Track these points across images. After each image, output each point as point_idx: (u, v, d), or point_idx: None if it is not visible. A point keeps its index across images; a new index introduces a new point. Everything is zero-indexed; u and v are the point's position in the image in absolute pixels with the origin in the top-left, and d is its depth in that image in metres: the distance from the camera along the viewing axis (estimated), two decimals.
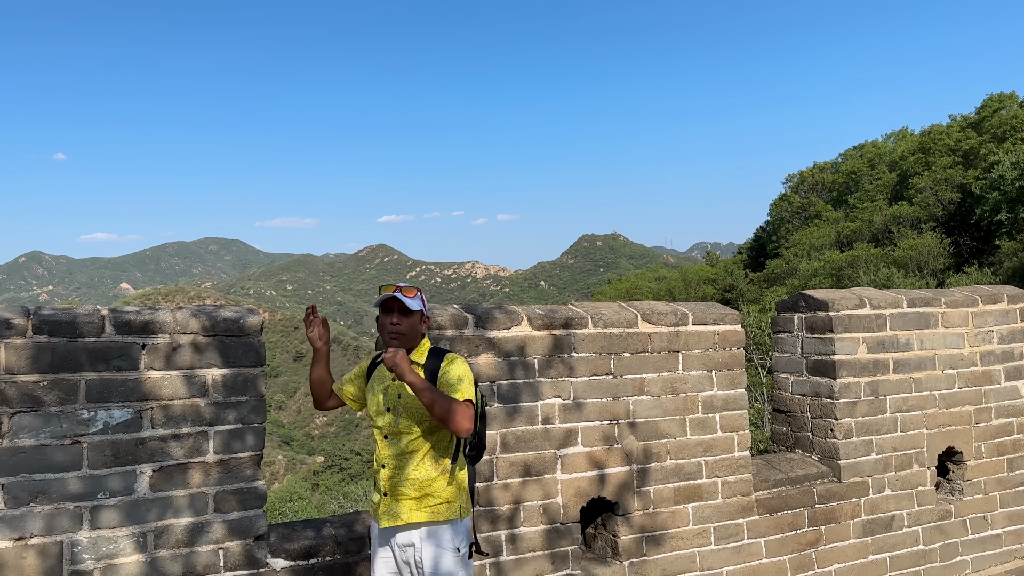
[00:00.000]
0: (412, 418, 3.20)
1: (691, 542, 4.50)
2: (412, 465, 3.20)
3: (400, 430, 3.22)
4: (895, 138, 70.80)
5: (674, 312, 4.55)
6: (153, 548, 3.31)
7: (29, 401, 3.14)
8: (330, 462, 79.20)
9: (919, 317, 5.34)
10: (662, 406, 4.46)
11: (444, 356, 3.28)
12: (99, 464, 3.23)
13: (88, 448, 3.22)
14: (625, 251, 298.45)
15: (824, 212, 65.34)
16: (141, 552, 3.29)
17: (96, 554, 3.22)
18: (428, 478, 3.19)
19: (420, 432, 3.20)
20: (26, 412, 3.13)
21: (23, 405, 3.13)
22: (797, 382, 5.31)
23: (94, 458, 3.23)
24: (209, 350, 3.45)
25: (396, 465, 3.22)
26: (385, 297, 3.22)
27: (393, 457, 3.23)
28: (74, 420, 3.20)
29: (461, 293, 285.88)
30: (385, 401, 3.27)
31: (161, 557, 3.32)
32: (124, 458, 3.28)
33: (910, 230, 48.94)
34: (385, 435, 3.26)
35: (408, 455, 3.21)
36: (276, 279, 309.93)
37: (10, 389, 3.11)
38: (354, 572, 3.71)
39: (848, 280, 41.64)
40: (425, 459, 3.21)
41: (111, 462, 3.25)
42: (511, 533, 4.05)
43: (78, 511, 3.20)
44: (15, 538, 3.10)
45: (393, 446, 3.23)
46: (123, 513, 3.27)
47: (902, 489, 5.21)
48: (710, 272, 69.67)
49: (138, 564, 3.28)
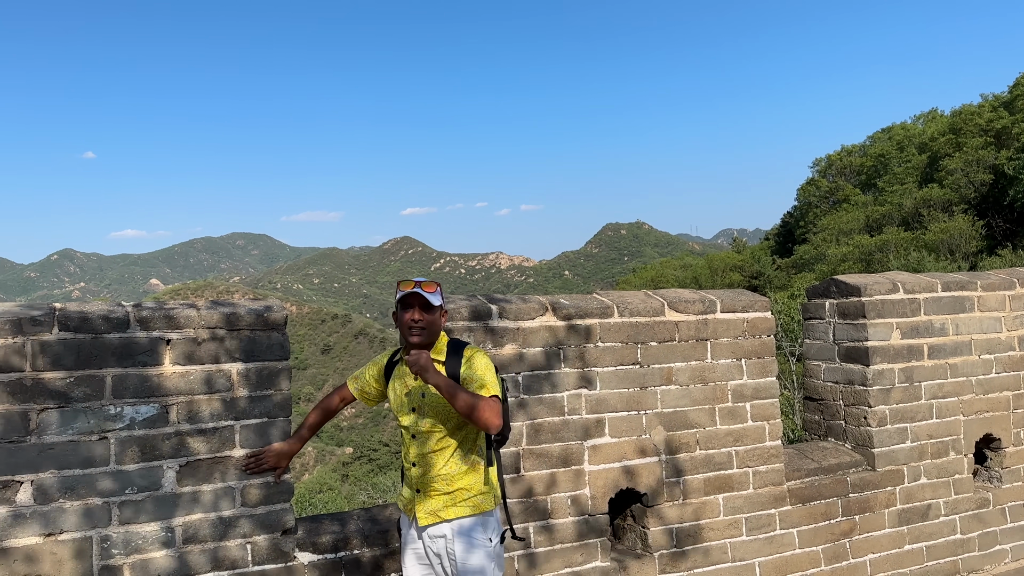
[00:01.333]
0: (437, 417, 3.17)
1: (722, 533, 4.43)
2: (441, 462, 3.18)
3: (426, 429, 3.19)
4: (925, 119, 69.59)
5: (702, 300, 4.48)
6: (181, 543, 3.31)
7: (56, 397, 3.15)
8: (359, 453, 79.88)
9: (954, 301, 5.21)
10: (691, 395, 4.40)
11: (464, 350, 3.22)
12: (126, 459, 3.24)
13: (115, 444, 3.23)
14: (650, 239, 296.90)
15: (853, 196, 64.44)
16: (169, 547, 3.29)
17: (125, 549, 3.23)
18: (457, 473, 3.17)
19: (447, 430, 3.18)
20: (53, 408, 3.14)
21: (50, 401, 3.14)
22: (829, 369, 5.21)
23: (121, 453, 3.23)
24: (233, 345, 3.44)
25: (425, 463, 3.20)
26: (406, 293, 3.17)
27: (421, 455, 3.20)
28: (101, 416, 3.21)
29: (485, 284, 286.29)
30: (409, 401, 3.24)
31: (189, 552, 3.32)
32: (150, 453, 3.28)
33: (941, 213, 48.14)
34: (412, 434, 3.24)
35: (436, 453, 3.18)
36: (302, 273, 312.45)
37: (38, 385, 3.12)
38: (380, 565, 3.70)
39: (878, 265, 41.07)
40: (454, 455, 3.18)
41: (138, 457, 3.26)
42: (539, 524, 4.02)
43: (106, 506, 3.21)
44: (45, 534, 3.12)
45: (421, 445, 3.21)
46: (150, 508, 3.27)
47: (938, 477, 5.10)
48: (737, 259, 69.10)
49: (166, 559, 3.29)
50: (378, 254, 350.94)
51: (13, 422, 3.09)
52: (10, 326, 3.10)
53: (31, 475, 3.11)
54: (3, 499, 3.07)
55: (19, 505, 3.09)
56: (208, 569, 3.35)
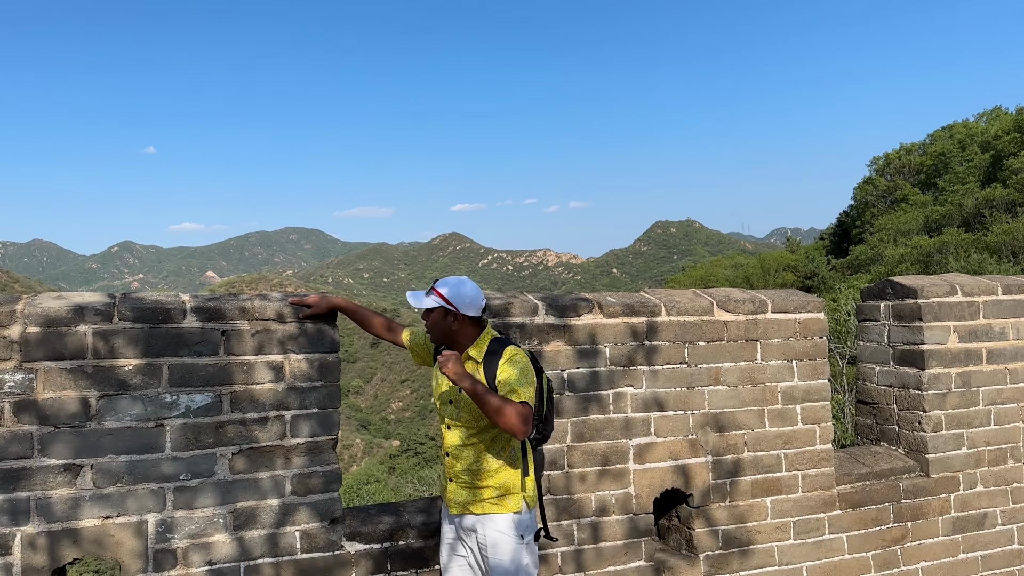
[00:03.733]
0: (473, 412, 3.21)
1: (769, 536, 4.38)
2: (476, 455, 3.23)
3: (463, 422, 3.24)
4: (988, 117, 67.40)
5: (752, 300, 4.42)
6: (233, 529, 3.40)
7: (115, 385, 3.25)
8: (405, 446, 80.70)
9: (1015, 305, 5.05)
10: (739, 396, 4.34)
11: (504, 351, 3.22)
12: (181, 446, 3.33)
13: (171, 431, 3.32)
14: (700, 237, 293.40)
15: (911, 196, 62.75)
16: (222, 532, 3.38)
17: (179, 533, 3.32)
18: (492, 468, 3.21)
19: (479, 427, 3.22)
20: (112, 395, 3.25)
21: (109, 388, 3.24)
22: (883, 372, 5.10)
23: (176, 440, 3.33)
24: (286, 336, 3.51)
25: (460, 455, 3.26)
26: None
27: (457, 447, 3.27)
28: (157, 404, 3.31)
29: (532, 281, 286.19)
30: (449, 392, 3.29)
31: (240, 537, 3.41)
32: (205, 441, 3.37)
33: (1004, 214, 46.59)
34: (448, 425, 3.30)
35: (471, 446, 3.23)
36: (353, 267, 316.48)
37: (97, 373, 3.23)
38: (427, 557, 3.74)
39: (936, 267, 39.95)
40: (487, 451, 3.22)
41: (193, 445, 3.35)
42: (583, 523, 4.02)
43: (162, 491, 3.30)
44: (104, 516, 3.23)
45: (458, 436, 3.27)
46: (204, 494, 3.36)
47: (995, 485, 4.95)
48: (790, 259, 67.86)
49: (219, 544, 3.38)
50: (427, 250, 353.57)
51: (76, 408, 3.20)
52: (73, 314, 3.21)
53: (92, 459, 3.22)
54: (66, 482, 3.19)
55: (80, 488, 3.20)
56: (259, 555, 3.43)
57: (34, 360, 3.16)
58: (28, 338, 3.15)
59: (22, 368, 3.15)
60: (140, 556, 3.27)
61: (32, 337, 3.16)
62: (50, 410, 3.17)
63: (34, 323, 3.16)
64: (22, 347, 3.15)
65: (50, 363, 3.18)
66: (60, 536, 3.17)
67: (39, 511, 3.15)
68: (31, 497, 3.14)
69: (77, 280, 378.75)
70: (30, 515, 3.14)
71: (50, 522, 3.16)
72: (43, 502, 3.16)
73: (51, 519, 3.16)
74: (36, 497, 3.15)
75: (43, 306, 3.21)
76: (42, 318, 3.17)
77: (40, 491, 3.16)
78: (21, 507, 3.13)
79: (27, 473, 3.14)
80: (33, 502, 3.14)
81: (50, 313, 3.19)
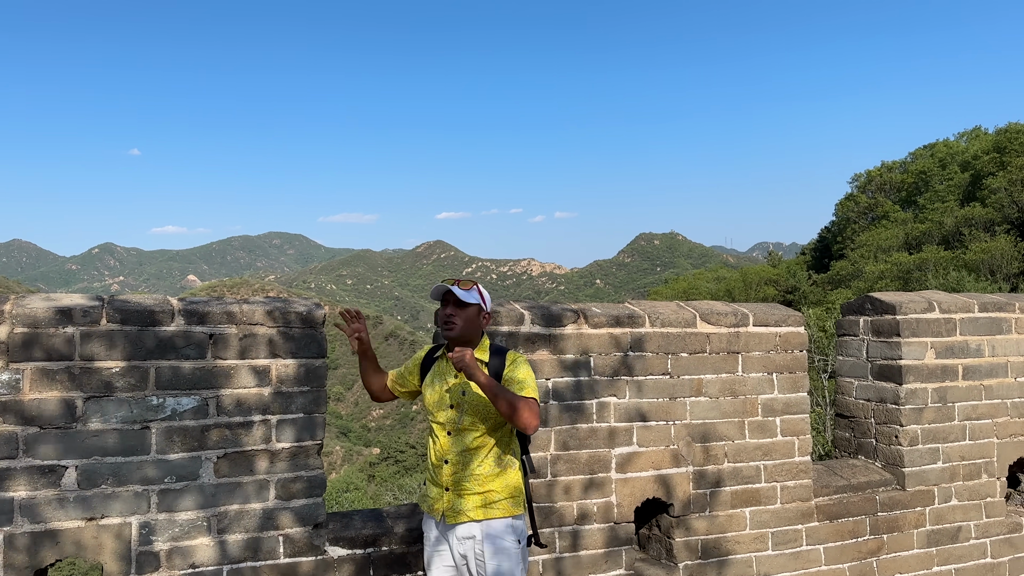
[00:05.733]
0: (477, 415, 3.22)
1: (748, 547, 4.43)
2: (476, 461, 3.23)
3: (464, 427, 3.25)
4: (968, 137, 68.34)
5: (734, 312, 4.49)
6: (216, 532, 3.41)
7: (102, 387, 3.26)
8: (386, 454, 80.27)
9: (991, 322, 5.16)
10: (720, 408, 4.40)
11: (507, 355, 3.30)
12: (167, 449, 3.34)
13: (156, 434, 3.33)
14: (683, 250, 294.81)
15: (892, 213, 63.48)
16: (205, 535, 3.39)
17: (162, 536, 3.33)
18: (491, 474, 3.23)
19: (485, 429, 3.23)
20: (99, 397, 3.25)
21: (96, 390, 3.25)
22: (861, 387, 5.18)
23: (162, 443, 3.34)
24: (274, 342, 3.53)
25: (459, 461, 3.25)
26: (440, 290, 3.27)
27: (457, 453, 3.26)
28: (144, 406, 3.32)
29: (516, 290, 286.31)
30: (449, 398, 3.30)
31: (224, 541, 3.41)
32: (190, 444, 3.38)
33: (983, 232, 47.20)
34: (448, 431, 3.29)
35: (472, 451, 3.24)
36: (336, 273, 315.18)
37: (84, 375, 3.23)
38: (410, 563, 3.76)
39: (916, 284, 40.37)
40: (488, 455, 3.24)
41: (178, 448, 3.36)
42: (564, 530, 4.05)
43: (146, 494, 3.31)
44: (87, 518, 3.23)
45: (457, 442, 3.26)
46: (188, 497, 3.37)
47: (970, 500, 5.04)
48: (771, 273, 68.36)
49: (202, 547, 3.38)
50: (411, 257, 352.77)
51: (61, 408, 3.20)
52: (61, 315, 3.22)
53: (77, 461, 3.22)
54: (50, 483, 3.19)
55: (64, 489, 3.20)
56: (242, 559, 3.44)
57: (21, 361, 3.16)
58: (15, 339, 3.16)
59: (8, 369, 3.15)
60: (123, 558, 3.27)
61: (19, 338, 3.16)
62: (36, 411, 3.17)
63: (21, 324, 3.17)
64: (9, 348, 3.15)
65: (37, 364, 3.18)
66: (42, 537, 3.17)
67: (22, 512, 3.15)
68: (15, 498, 3.14)
69: (56, 281, 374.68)
70: (13, 515, 3.14)
71: (33, 523, 3.16)
72: (27, 503, 3.15)
73: (34, 520, 3.16)
74: (20, 498, 3.15)
75: (31, 307, 3.21)
76: (30, 319, 3.18)
77: (24, 492, 3.15)
78: (4, 507, 3.13)
79: (10, 474, 3.14)
80: (17, 503, 3.14)
81: (38, 314, 3.19)
